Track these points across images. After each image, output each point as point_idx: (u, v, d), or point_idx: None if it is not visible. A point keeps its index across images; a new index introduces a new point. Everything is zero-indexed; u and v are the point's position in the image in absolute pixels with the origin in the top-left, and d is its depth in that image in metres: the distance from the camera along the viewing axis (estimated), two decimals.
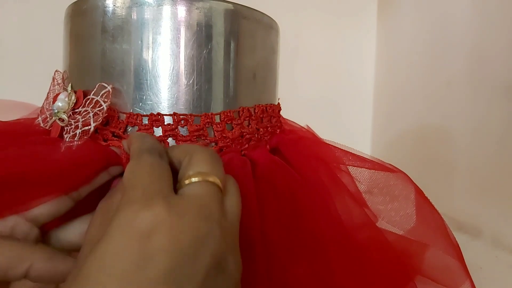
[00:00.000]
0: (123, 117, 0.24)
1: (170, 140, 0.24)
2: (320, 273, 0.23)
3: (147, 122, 0.24)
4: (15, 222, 0.18)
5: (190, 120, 0.24)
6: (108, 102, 0.23)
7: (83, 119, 0.23)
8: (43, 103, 0.28)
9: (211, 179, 0.16)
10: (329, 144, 0.29)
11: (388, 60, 0.67)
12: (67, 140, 0.23)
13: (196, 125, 0.24)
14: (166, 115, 0.24)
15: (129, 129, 0.24)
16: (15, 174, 0.19)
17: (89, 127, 0.23)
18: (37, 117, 0.27)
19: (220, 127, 0.25)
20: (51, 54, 0.36)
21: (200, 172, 0.17)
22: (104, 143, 0.24)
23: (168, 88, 0.24)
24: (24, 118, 0.31)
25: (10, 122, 0.29)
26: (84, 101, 0.24)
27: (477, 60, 0.46)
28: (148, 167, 0.17)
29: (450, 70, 0.50)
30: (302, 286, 0.22)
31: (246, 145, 0.27)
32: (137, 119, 0.24)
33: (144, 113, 0.24)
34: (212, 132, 0.25)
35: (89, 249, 0.15)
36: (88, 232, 0.18)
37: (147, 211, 0.14)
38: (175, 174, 0.18)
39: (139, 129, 0.24)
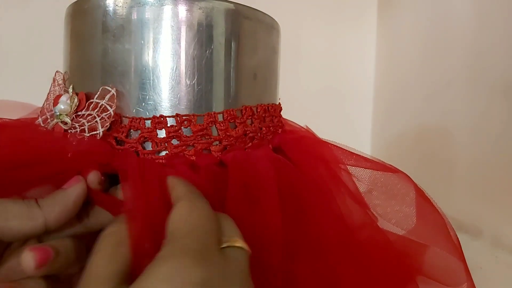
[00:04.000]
0: (125, 121, 0.24)
1: (174, 141, 0.24)
2: (322, 272, 0.23)
3: (150, 125, 0.24)
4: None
5: (193, 120, 0.24)
6: (114, 107, 0.23)
7: (89, 123, 0.23)
8: (43, 104, 0.28)
9: (243, 245, 0.17)
10: (330, 144, 0.29)
11: (388, 60, 0.67)
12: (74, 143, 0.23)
13: (199, 125, 0.24)
14: (168, 116, 0.24)
15: (132, 133, 0.24)
16: (22, 155, 0.20)
17: (97, 132, 0.23)
18: (37, 118, 0.27)
19: (223, 125, 0.25)
20: (51, 54, 0.36)
21: (233, 237, 0.17)
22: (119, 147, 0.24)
23: (170, 88, 0.24)
24: (23, 118, 0.31)
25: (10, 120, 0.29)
26: (87, 105, 0.24)
27: (477, 60, 0.46)
28: (205, 214, 0.17)
29: (450, 69, 0.51)
30: (305, 284, 0.22)
31: (250, 144, 0.27)
32: (139, 123, 0.24)
33: (147, 113, 0.24)
34: (216, 131, 0.25)
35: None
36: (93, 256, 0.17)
37: (201, 267, 0.14)
38: None
39: (142, 133, 0.24)
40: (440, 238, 0.27)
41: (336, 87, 0.70)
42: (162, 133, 0.24)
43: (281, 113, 0.33)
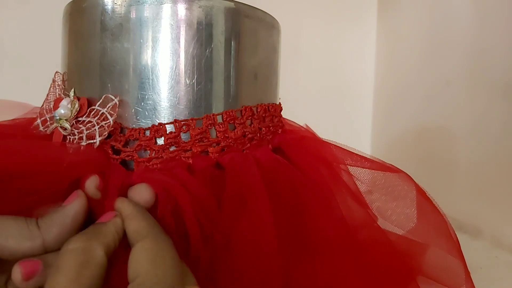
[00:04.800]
0: (124, 131, 0.24)
1: (172, 148, 0.24)
2: (324, 272, 0.23)
3: (149, 134, 0.24)
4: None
5: (192, 125, 0.24)
6: (115, 116, 0.23)
7: (88, 131, 0.23)
8: (42, 105, 0.27)
9: None
10: (331, 144, 0.29)
11: (388, 60, 0.67)
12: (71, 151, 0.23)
13: (198, 128, 0.24)
14: (167, 123, 0.24)
15: (130, 142, 0.24)
16: (16, 166, 0.19)
17: (94, 140, 0.23)
18: (35, 119, 0.27)
19: (222, 127, 0.25)
20: (50, 53, 0.36)
21: (191, 285, 0.16)
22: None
23: (170, 88, 0.24)
24: (20, 118, 0.31)
25: (6, 123, 0.29)
26: (88, 111, 0.24)
27: (477, 60, 0.46)
28: (172, 260, 0.16)
29: (450, 69, 0.51)
30: (306, 285, 0.22)
31: (248, 145, 0.27)
32: (139, 133, 0.24)
33: (146, 113, 0.24)
34: (215, 133, 0.25)
35: None
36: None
37: None
38: None
39: (140, 142, 0.24)
40: (441, 238, 0.27)
41: (336, 87, 0.70)
42: (160, 141, 0.24)
43: (281, 113, 0.32)
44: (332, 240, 0.24)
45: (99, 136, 0.23)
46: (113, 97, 0.23)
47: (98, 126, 0.23)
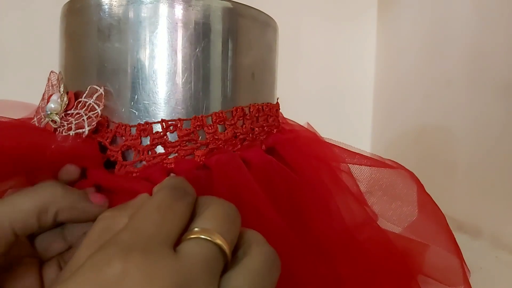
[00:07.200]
0: (112, 126, 0.24)
1: (159, 148, 0.24)
2: (323, 272, 0.22)
3: (135, 132, 0.24)
4: None
5: (179, 125, 0.24)
6: (102, 106, 0.23)
7: (76, 121, 0.23)
8: (39, 103, 0.28)
9: (217, 240, 0.14)
10: (328, 142, 0.29)
11: (388, 59, 0.67)
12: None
13: (186, 129, 0.24)
14: (154, 123, 0.24)
15: (117, 139, 0.24)
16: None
17: (83, 130, 0.23)
18: (34, 118, 0.27)
19: (211, 129, 0.25)
20: (51, 53, 0.36)
21: (205, 228, 0.14)
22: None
23: (166, 88, 0.24)
24: (24, 118, 0.31)
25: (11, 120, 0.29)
26: (76, 103, 0.24)
27: (477, 60, 0.46)
28: (154, 208, 0.15)
29: (450, 69, 0.50)
30: (306, 285, 0.22)
31: (239, 146, 0.26)
32: (125, 130, 0.23)
33: (141, 113, 0.24)
34: (204, 135, 0.25)
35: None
36: (82, 244, 0.16)
37: (120, 261, 0.12)
38: None
39: (126, 141, 0.24)
40: (441, 235, 0.27)
41: (336, 87, 0.70)
42: (146, 141, 0.24)
43: (281, 112, 0.32)
44: (331, 241, 0.24)
45: (88, 126, 0.23)
46: (98, 88, 0.24)
47: (87, 117, 0.23)
